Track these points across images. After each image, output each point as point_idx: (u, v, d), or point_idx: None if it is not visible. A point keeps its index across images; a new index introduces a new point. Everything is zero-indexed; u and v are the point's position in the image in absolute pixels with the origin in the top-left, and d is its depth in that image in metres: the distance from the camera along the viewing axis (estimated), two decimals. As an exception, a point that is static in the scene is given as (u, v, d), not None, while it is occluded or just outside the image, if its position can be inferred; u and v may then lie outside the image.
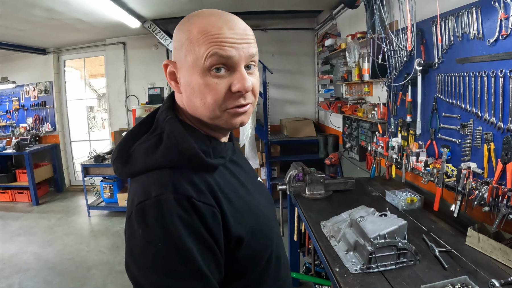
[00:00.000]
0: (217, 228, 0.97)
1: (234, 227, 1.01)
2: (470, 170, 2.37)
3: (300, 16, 7.19)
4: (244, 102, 1.05)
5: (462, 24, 2.58)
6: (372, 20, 3.74)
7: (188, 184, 0.97)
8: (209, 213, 0.96)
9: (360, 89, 4.91)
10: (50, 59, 8.47)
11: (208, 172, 1.05)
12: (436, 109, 2.99)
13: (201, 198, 0.96)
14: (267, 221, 1.19)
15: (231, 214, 1.02)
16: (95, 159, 6.82)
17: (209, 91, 1.01)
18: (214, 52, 0.98)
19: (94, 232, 6.34)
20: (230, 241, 1.01)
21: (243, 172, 1.23)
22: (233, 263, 1.04)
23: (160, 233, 0.91)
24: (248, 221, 1.08)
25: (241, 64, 1.02)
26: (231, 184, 1.11)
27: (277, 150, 6.96)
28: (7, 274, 4.82)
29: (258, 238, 1.10)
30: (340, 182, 3.53)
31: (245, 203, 1.10)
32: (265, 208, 1.23)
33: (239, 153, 1.35)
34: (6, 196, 8.24)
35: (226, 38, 0.99)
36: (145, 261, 0.92)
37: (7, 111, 8.89)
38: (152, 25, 6.58)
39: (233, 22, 1.04)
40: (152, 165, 1.02)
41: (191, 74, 1.03)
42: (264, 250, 1.14)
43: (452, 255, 2.15)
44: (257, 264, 1.11)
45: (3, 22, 5.59)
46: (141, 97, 8.05)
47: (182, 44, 1.04)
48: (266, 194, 1.35)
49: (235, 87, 1.01)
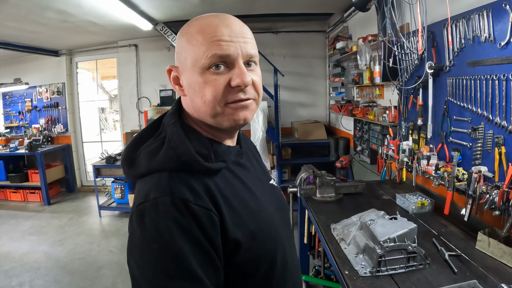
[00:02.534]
0: (214, 232, 0.98)
1: (232, 231, 1.02)
2: (481, 173, 2.35)
3: (311, 18, 7.18)
4: (244, 97, 1.06)
5: (473, 27, 2.57)
6: (383, 23, 3.73)
7: (185, 187, 0.99)
8: (206, 216, 0.97)
9: (371, 92, 4.90)
10: (63, 60, 8.57)
11: (207, 175, 1.06)
12: (447, 112, 2.98)
13: (197, 202, 0.97)
14: (272, 226, 1.18)
15: (230, 218, 1.03)
16: (106, 160, 6.89)
17: (208, 88, 1.03)
18: (213, 53, 1.00)
19: (105, 232, 6.39)
20: (228, 245, 1.02)
21: (250, 176, 1.23)
22: (232, 268, 1.04)
23: (155, 234, 0.94)
24: (249, 225, 1.08)
25: (239, 60, 1.04)
26: (233, 187, 1.11)
27: (288, 153, 6.97)
28: (18, 272, 4.88)
29: (260, 243, 1.10)
30: (350, 185, 3.52)
31: (247, 207, 1.11)
32: (273, 212, 1.23)
33: (250, 156, 1.35)
34: (18, 196, 8.35)
35: (223, 36, 1.02)
36: (142, 260, 0.96)
37: (19, 112, 9.02)
38: (164, 28, 6.62)
39: (230, 21, 1.06)
40: (153, 168, 1.05)
41: (191, 74, 1.05)
42: (267, 255, 1.13)
43: (462, 259, 2.14)
44: (258, 270, 1.11)
45: (16, 24, 5.67)
46: (153, 99, 8.12)
47: (182, 47, 1.08)
48: (277, 198, 1.34)
49: (234, 81, 1.03)
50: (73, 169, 9.04)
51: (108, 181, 7.62)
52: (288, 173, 7.02)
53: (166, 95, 7.46)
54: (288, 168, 7.03)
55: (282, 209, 1.33)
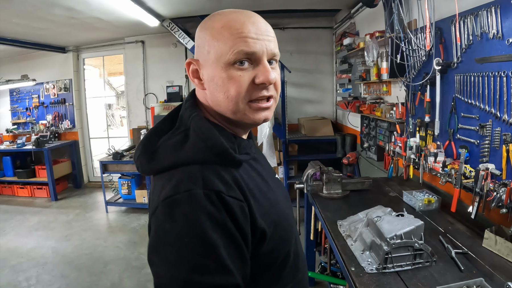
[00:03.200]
0: (246, 223, 0.98)
1: (259, 221, 1.02)
2: (488, 171, 2.35)
3: (318, 15, 7.18)
4: (267, 94, 1.07)
5: (481, 24, 2.55)
6: (390, 19, 3.72)
7: (218, 179, 0.98)
8: (238, 207, 0.97)
9: (379, 88, 4.88)
10: (70, 57, 8.60)
11: (234, 168, 1.06)
12: (455, 109, 2.97)
13: (230, 193, 0.97)
14: (287, 217, 1.20)
15: (256, 208, 1.03)
16: (113, 156, 6.91)
17: (232, 84, 1.03)
18: (240, 49, 1.00)
19: (111, 228, 6.42)
20: (255, 235, 1.02)
21: (263, 169, 1.24)
22: (256, 258, 1.04)
23: (187, 227, 0.92)
24: (271, 216, 1.08)
25: (264, 58, 1.04)
26: (254, 180, 1.12)
27: (294, 149, 6.97)
28: (25, 267, 4.91)
29: (280, 233, 1.11)
30: (357, 181, 3.52)
31: (267, 198, 1.11)
32: (284, 204, 1.25)
33: (258, 151, 1.37)
34: (26, 192, 8.39)
35: (249, 33, 1.02)
36: (170, 256, 0.92)
37: (27, 108, 9.06)
38: (170, 24, 6.62)
39: (255, 18, 1.07)
40: (180, 161, 1.03)
41: (214, 69, 1.05)
42: (285, 245, 1.15)
43: (468, 257, 2.14)
44: (278, 259, 1.12)
45: (24, 21, 5.70)
46: (160, 95, 8.13)
47: (205, 41, 1.07)
48: (283, 191, 1.35)
49: (259, 79, 1.03)
50: (80, 165, 9.09)
51: (115, 177, 7.65)
52: (295, 170, 7.02)
53: (173, 91, 7.44)
54: (294, 165, 7.03)
55: (288, 202, 1.36)
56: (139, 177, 7.40)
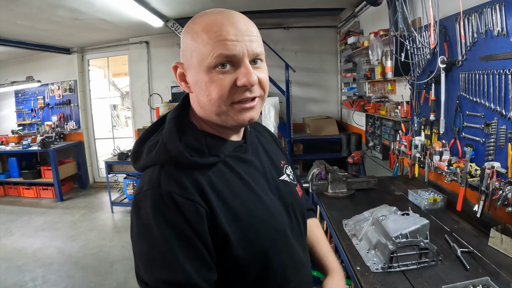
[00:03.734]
0: (200, 224, 1.00)
1: (223, 225, 1.03)
2: (494, 169, 2.33)
3: (322, 14, 7.16)
4: (250, 96, 1.07)
5: (486, 21, 2.54)
6: (394, 17, 3.71)
7: (172, 180, 1.02)
8: (191, 208, 1.00)
9: (383, 87, 4.87)
10: (74, 58, 8.64)
11: (199, 170, 1.07)
12: (460, 108, 2.95)
13: (183, 194, 1.00)
14: (270, 224, 1.16)
15: (222, 212, 1.05)
16: (118, 156, 6.92)
17: (214, 87, 1.03)
18: (219, 53, 1.00)
19: (117, 228, 6.44)
20: (218, 239, 1.04)
21: (254, 171, 1.22)
22: (225, 264, 1.06)
23: (147, 224, 1.00)
24: (241, 221, 1.08)
25: (245, 59, 1.03)
26: (228, 183, 1.12)
27: (300, 149, 6.97)
28: (31, 268, 4.94)
29: (253, 240, 1.10)
30: (362, 180, 3.51)
31: (241, 203, 1.11)
32: (275, 210, 1.20)
33: (259, 150, 1.33)
34: (31, 192, 8.44)
35: (228, 35, 1.01)
36: (136, 247, 1.05)
37: (32, 109, 9.13)
38: (175, 24, 6.63)
39: (235, 18, 1.05)
40: (149, 162, 1.10)
41: (197, 72, 1.06)
42: (261, 254, 1.13)
43: (474, 256, 2.12)
44: (251, 267, 1.11)
45: (28, 23, 5.73)
46: (164, 95, 8.16)
47: (187, 45, 1.08)
48: (287, 194, 1.30)
49: (240, 81, 1.02)
50: (86, 165, 9.13)
51: (120, 177, 7.66)
52: (300, 169, 7.01)
53: (177, 92, 7.48)
54: (300, 164, 7.03)
55: (291, 207, 1.29)
56: (142, 174, 7.38)
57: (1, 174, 8.51)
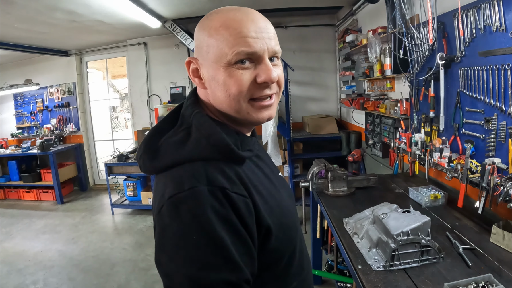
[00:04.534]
0: (251, 219, 0.98)
1: (264, 217, 1.01)
2: (494, 165, 2.32)
3: (320, 12, 7.15)
4: (270, 93, 1.07)
5: (484, 16, 2.53)
6: (392, 14, 3.70)
7: (222, 175, 0.98)
8: (243, 203, 0.96)
9: (382, 85, 4.86)
10: (73, 60, 8.64)
11: (237, 164, 1.06)
12: (460, 104, 2.95)
13: (234, 189, 0.97)
14: (291, 215, 1.19)
15: (261, 205, 1.02)
16: (118, 158, 6.93)
17: (234, 82, 1.02)
18: (240, 50, 0.99)
19: (117, 230, 6.44)
20: (260, 232, 1.01)
21: (267, 167, 1.23)
22: (262, 255, 1.03)
23: (194, 225, 0.91)
24: (276, 213, 1.07)
25: (265, 56, 1.03)
26: (258, 177, 1.11)
27: (299, 148, 6.95)
28: (32, 271, 4.94)
29: (285, 230, 1.10)
30: (363, 179, 3.50)
31: (272, 195, 1.11)
32: (289, 202, 1.23)
33: (262, 149, 1.36)
34: (32, 195, 8.45)
35: (249, 32, 1.00)
36: (178, 254, 0.91)
37: (31, 112, 9.12)
38: (172, 25, 6.62)
39: (254, 15, 1.05)
40: (182, 158, 1.02)
41: (215, 68, 1.04)
42: (290, 242, 1.15)
43: (476, 252, 2.12)
44: (284, 256, 1.11)
45: (26, 26, 5.72)
46: (163, 96, 8.14)
47: (203, 41, 1.05)
48: (287, 189, 1.34)
49: (260, 78, 1.02)
50: (85, 167, 9.12)
51: (120, 179, 7.68)
52: (300, 168, 7.00)
53: (176, 92, 7.47)
54: (300, 163, 7.02)
55: (292, 200, 1.34)
56: (145, 178, 7.41)
57: (1, 177, 8.50)
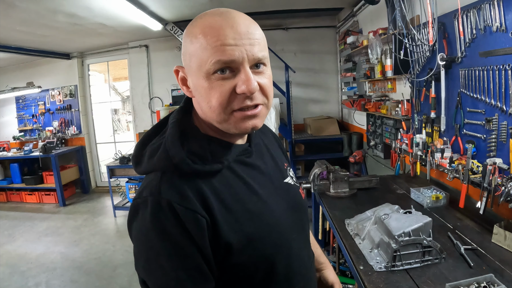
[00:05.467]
0: (199, 234, 0.97)
1: (225, 234, 1.01)
2: (495, 166, 2.32)
3: (321, 14, 7.16)
4: (251, 103, 1.02)
5: (484, 17, 2.53)
6: (393, 15, 3.70)
7: (173, 188, 1.00)
8: (190, 217, 0.97)
9: (383, 86, 4.86)
10: (74, 63, 8.65)
11: (202, 177, 1.04)
12: (461, 104, 2.95)
13: (183, 203, 0.98)
14: (276, 228, 1.14)
15: (225, 220, 1.02)
16: (120, 160, 6.93)
17: (213, 94, 1.00)
18: (217, 59, 0.96)
19: (120, 232, 6.43)
20: (220, 248, 1.01)
21: (259, 175, 1.19)
22: (227, 270, 1.04)
23: (143, 230, 1.00)
24: (245, 228, 1.06)
25: (245, 64, 0.98)
26: (233, 188, 1.09)
27: (301, 149, 6.95)
28: (34, 273, 4.94)
29: (257, 246, 1.07)
30: (364, 180, 3.50)
31: (246, 209, 1.08)
32: (280, 214, 1.18)
33: (263, 153, 1.30)
34: (34, 198, 8.44)
35: (226, 39, 0.96)
36: (135, 249, 1.05)
37: (33, 115, 9.14)
38: (174, 27, 6.63)
39: (235, 20, 1.00)
40: (151, 167, 1.08)
41: (197, 78, 1.02)
42: (264, 258, 1.10)
43: (478, 253, 2.12)
44: (256, 273, 1.09)
45: (27, 29, 5.73)
46: (165, 98, 8.16)
47: (186, 49, 1.05)
48: (291, 198, 1.29)
49: (239, 88, 0.98)
50: (88, 170, 9.13)
51: (122, 181, 7.66)
52: (302, 170, 7.01)
53: (178, 95, 7.49)
54: (301, 165, 7.02)
55: (296, 210, 1.27)
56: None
57: (3, 180, 8.51)
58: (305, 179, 4.00)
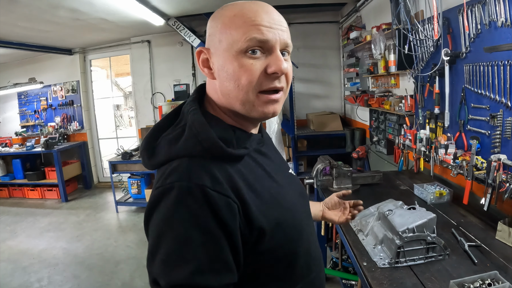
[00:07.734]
0: (232, 219, 0.94)
1: (257, 218, 0.99)
2: (500, 162, 2.31)
3: (324, 9, 7.14)
4: (279, 85, 1.05)
5: (489, 12, 2.51)
6: (397, 10, 3.68)
7: (205, 173, 0.96)
8: (224, 203, 0.94)
9: (387, 81, 4.84)
10: (76, 59, 8.66)
11: (230, 162, 1.03)
12: (465, 100, 2.93)
13: (216, 188, 0.94)
14: (295, 213, 1.16)
15: (255, 204, 1.00)
16: (122, 156, 6.94)
17: (244, 72, 1.01)
18: (252, 36, 0.99)
19: (122, 228, 6.45)
20: (253, 233, 0.99)
21: (272, 164, 1.21)
22: (258, 256, 1.02)
23: (168, 219, 0.93)
24: (273, 212, 1.05)
25: (277, 47, 1.02)
26: (256, 174, 1.09)
27: (304, 145, 6.94)
28: (36, 268, 4.96)
29: (284, 230, 1.07)
30: (367, 175, 3.49)
31: (270, 194, 1.08)
32: (295, 200, 1.21)
33: (270, 145, 1.34)
34: (36, 193, 8.49)
35: (262, 21, 1.00)
36: (153, 243, 0.96)
37: (35, 110, 9.16)
38: (176, 23, 6.62)
39: (268, 7, 1.05)
40: (173, 155, 1.03)
41: (225, 58, 1.03)
42: (290, 244, 1.11)
43: (481, 249, 2.10)
44: (282, 258, 1.08)
45: (29, 24, 5.73)
46: (167, 94, 8.15)
47: (216, 30, 1.05)
48: (297, 186, 1.33)
49: (271, 68, 1.01)
50: (90, 165, 9.15)
51: (125, 176, 7.69)
52: (304, 165, 7.00)
53: (180, 90, 7.45)
54: (304, 160, 7.01)
55: (303, 198, 1.31)
56: (149, 176, 7.41)
57: (6, 176, 8.54)
58: (307, 174, 4.00)
